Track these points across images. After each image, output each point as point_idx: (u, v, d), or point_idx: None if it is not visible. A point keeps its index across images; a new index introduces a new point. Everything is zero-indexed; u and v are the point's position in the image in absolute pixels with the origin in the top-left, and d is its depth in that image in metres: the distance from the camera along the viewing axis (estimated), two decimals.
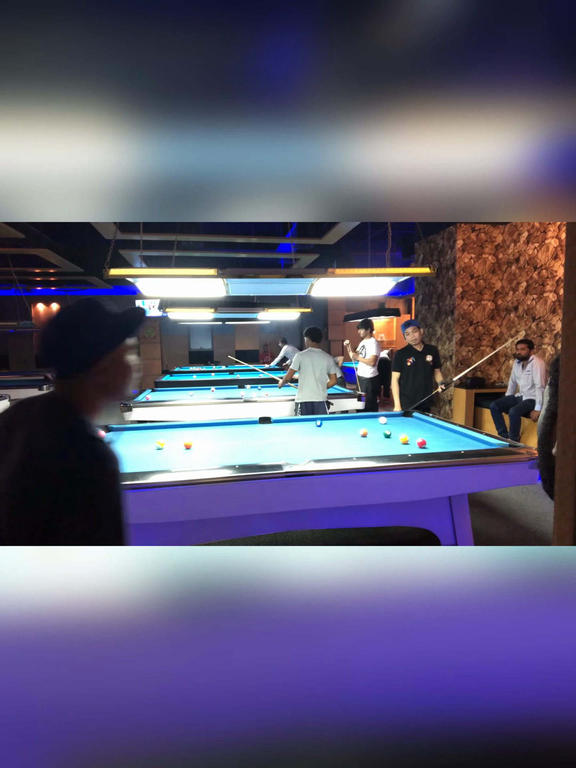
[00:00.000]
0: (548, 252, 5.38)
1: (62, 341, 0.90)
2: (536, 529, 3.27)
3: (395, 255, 8.83)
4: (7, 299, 11.52)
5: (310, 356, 4.37)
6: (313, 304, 10.10)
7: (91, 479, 0.82)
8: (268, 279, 3.94)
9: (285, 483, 2.18)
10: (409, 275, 3.74)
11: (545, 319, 5.42)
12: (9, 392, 6.68)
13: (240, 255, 8.71)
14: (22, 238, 6.77)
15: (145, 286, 3.70)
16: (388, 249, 4.53)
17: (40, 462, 0.83)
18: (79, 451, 0.84)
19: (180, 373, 9.01)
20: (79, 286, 11.74)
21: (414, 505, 2.60)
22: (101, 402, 0.96)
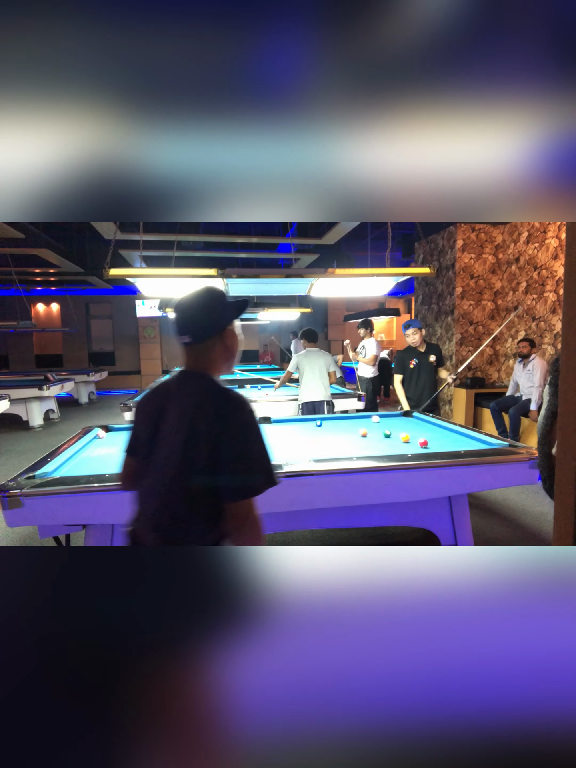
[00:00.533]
0: (548, 252, 5.38)
1: (200, 313, 1.18)
2: (536, 529, 3.27)
3: (395, 255, 8.83)
4: (7, 299, 11.52)
5: (308, 357, 4.35)
6: (313, 304, 10.10)
7: (244, 416, 1.11)
8: (268, 279, 3.94)
9: (285, 483, 2.18)
10: (409, 275, 3.74)
11: (545, 319, 5.42)
12: (9, 392, 6.69)
13: (240, 255, 8.71)
14: (22, 238, 6.76)
15: (145, 286, 3.70)
16: (388, 249, 4.53)
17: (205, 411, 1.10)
18: (229, 398, 1.13)
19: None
20: (79, 286, 11.75)
21: (414, 505, 2.60)
22: (222, 365, 1.24)
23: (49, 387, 7.21)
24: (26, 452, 5.74)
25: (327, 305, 13.36)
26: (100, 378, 10.17)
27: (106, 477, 2.09)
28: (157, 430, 1.18)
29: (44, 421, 7.75)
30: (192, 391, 1.16)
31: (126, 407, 4.44)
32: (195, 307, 1.18)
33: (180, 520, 1.12)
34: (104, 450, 2.87)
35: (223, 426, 1.08)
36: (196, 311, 1.18)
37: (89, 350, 13.12)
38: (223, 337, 1.21)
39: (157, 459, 1.15)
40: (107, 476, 2.10)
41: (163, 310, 6.37)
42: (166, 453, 1.13)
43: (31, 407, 7.30)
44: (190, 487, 1.10)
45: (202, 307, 1.18)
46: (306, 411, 4.34)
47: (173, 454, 1.11)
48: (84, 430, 3.22)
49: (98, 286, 11.11)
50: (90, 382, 9.87)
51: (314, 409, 4.33)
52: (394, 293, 12.02)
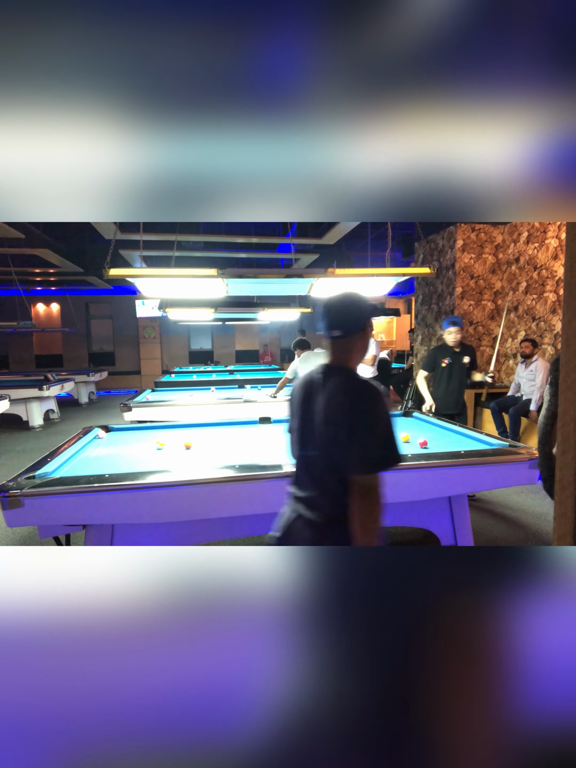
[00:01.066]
0: (548, 252, 5.38)
1: (349, 311, 1.37)
2: (536, 529, 3.27)
3: (395, 255, 8.82)
4: (7, 299, 11.52)
5: (304, 361, 4.34)
6: (313, 304, 10.10)
7: (377, 404, 1.28)
8: (268, 279, 3.94)
9: (285, 483, 2.18)
10: (409, 275, 3.74)
11: (545, 319, 5.42)
12: (9, 392, 6.69)
13: (240, 255, 8.71)
14: (22, 238, 6.76)
15: (145, 286, 3.70)
16: (388, 249, 4.53)
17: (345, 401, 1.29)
18: (365, 389, 1.30)
19: (180, 373, 9.02)
20: (79, 286, 11.75)
21: (414, 505, 2.60)
22: (359, 357, 1.43)
23: (49, 387, 7.21)
24: (26, 452, 5.74)
25: None
26: (100, 378, 10.17)
27: (106, 477, 2.09)
28: (305, 419, 1.40)
29: (44, 421, 7.75)
30: (334, 383, 1.34)
31: (126, 407, 4.44)
32: (345, 306, 1.37)
33: (337, 496, 1.29)
34: (104, 450, 2.86)
35: (360, 412, 1.27)
36: (347, 309, 1.37)
37: (89, 350, 13.12)
38: (363, 333, 1.39)
39: (309, 445, 1.37)
40: (107, 476, 2.10)
41: (163, 311, 6.36)
42: (317, 440, 1.33)
43: (31, 407, 7.31)
44: (340, 468, 1.28)
45: (350, 305, 1.37)
46: None
47: (324, 441, 1.31)
48: (84, 431, 3.22)
49: (98, 286, 11.11)
50: (90, 382, 9.87)
51: None
52: (394, 293, 12.01)
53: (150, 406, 4.63)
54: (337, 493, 1.29)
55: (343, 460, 1.27)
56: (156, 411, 4.56)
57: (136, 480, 2.07)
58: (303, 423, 1.41)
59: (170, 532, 2.36)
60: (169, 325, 12.85)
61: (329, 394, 1.33)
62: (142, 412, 4.51)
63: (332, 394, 1.32)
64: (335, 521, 1.30)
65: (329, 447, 1.30)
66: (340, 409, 1.28)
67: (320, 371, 1.42)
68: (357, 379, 1.34)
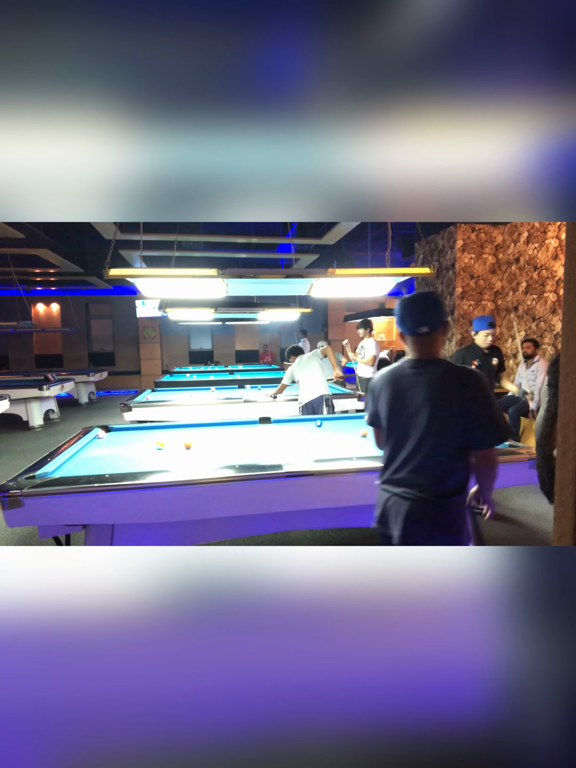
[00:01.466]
0: (548, 252, 5.38)
1: (434, 308, 1.54)
2: (536, 529, 3.27)
3: (395, 255, 8.83)
4: (7, 299, 11.52)
5: (300, 365, 4.50)
6: (313, 304, 10.10)
7: (484, 385, 1.47)
8: (268, 279, 3.93)
9: (285, 483, 2.18)
10: (409, 275, 3.74)
11: (545, 319, 5.43)
12: (9, 392, 6.69)
13: (240, 255, 8.71)
14: (22, 238, 6.76)
15: (145, 287, 3.70)
16: (388, 249, 4.53)
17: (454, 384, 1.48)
18: (470, 373, 1.51)
19: (180, 373, 9.02)
20: (79, 286, 11.74)
21: None
22: (441, 350, 1.60)
23: (49, 387, 7.21)
24: (26, 452, 5.74)
25: (327, 305, 13.36)
26: (100, 378, 10.17)
27: (106, 477, 2.09)
28: (401, 409, 1.54)
29: (44, 421, 7.74)
30: (434, 373, 1.51)
31: (126, 407, 4.44)
32: (430, 305, 1.54)
33: (445, 470, 1.47)
34: (104, 450, 2.86)
35: (472, 394, 1.45)
36: (432, 308, 1.54)
37: (89, 350, 13.12)
38: (444, 329, 1.57)
39: (409, 430, 1.52)
40: (107, 476, 2.10)
41: (163, 311, 6.36)
42: (421, 422, 1.49)
43: (31, 407, 7.30)
44: (448, 443, 1.47)
45: (434, 304, 1.55)
46: (306, 412, 4.37)
47: (430, 422, 1.47)
48: (84, 431, 3.22)
49: (98, 286, 11.11)
50: (90, 382, 9.86)
51: (314, 410, 4.35)
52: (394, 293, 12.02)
53: (150, 406, 4.63)
54: (442, 470, 1.47)
55: (458, 438, 1.46)
56: (156, 411, 4.56)
57: (136, 480, 2.07)
58: (399, 413, 1.55)
59: (170, 532, 2.35)
60: (169, 325, 12.85)
61: (432, 382, 1.49)
62: (142, 412, 4.51)
63: (437, 382, 1.49)
64: (437, 495, 1.47)
65: (438, 428, 1.47)
66: (451, 393, 1.46)
67: (410, 366, 1.57)
68: (459, 367, 1.52)
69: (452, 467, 1.48)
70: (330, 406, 4.44)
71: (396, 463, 1.56)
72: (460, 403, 1.45)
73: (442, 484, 1.48)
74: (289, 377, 4.59)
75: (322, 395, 4.38)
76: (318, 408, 4.37)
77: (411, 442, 1.51)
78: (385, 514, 1.59)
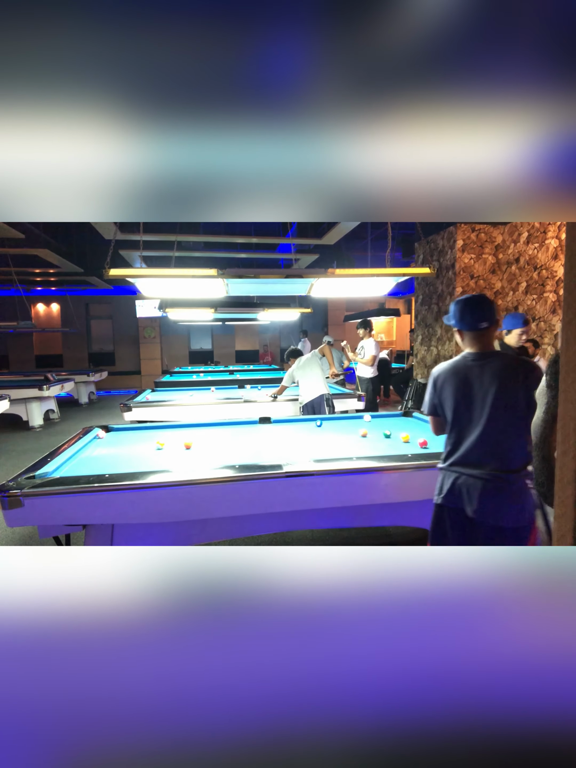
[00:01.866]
0: (548, 252, 5.38)
1: (488, 308, 1.74)
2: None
3: (395, 255, 8.82)
4: (7, 299, 11.52)
5: (300, 366, 4.53)
6: (313, 304, 10.10)
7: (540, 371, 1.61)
8: (268, 279, 3.93)
9: (285, 483, 2.18)
10: (409, 275, 3.74)
11: (545, 319, 5.42)
12: (9, 392, 6.69)
13: (240, 255, 8.70)
14: (22, 238, 6.76)
15: (145, 287, 3.70)
16: (388, 249, 4.53)
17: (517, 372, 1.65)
18: (528, 361, 1.69)
19: (180, 373, 9.02)
20: (79, 286, 11.74)
21: (414, 505, 2.60)
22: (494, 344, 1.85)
23: (49, 387, 7.21)
24: (26, 452, 5.74)
25: (327, 305, 13.36)
26: (100, 378, 10.17)
27: (106, 477, 2.09)
28: (468, 398, 1.72)
29: (44, 421, 7.74)
30: (498, 363, 1.70)
31: (126, 407, 4.44)
32: (487, 303, 1.75)
33: (510, 450, 1.64)
34: (104, 450, 2.86)
35: (534, 383, 1.59)
36: (489, 305, 1.75)
37: (89, 350, 13.12)
38: (497, 325, 1.78)
39: (478, 414, 1.70)
40: (107, 476, 2.10)
41: (163, 311, 6.35)
42: (488, 408, 1.67)
43: (31, 407, 7.30)
44: (513, 427, 1.64)
45: (490, 303, 1.76)
46: (307, 412, 4.37)
47: (496, 409, 1.65)
48: (84, 431, 3.22)
49: (98, 286, 11.11)
50: (90, 382, 9.86)
51: (314, 409, 4.36)
52: (394, 293, 12.02)
53: (150, 406, 4.63)
54: (509, 449, 1.64)
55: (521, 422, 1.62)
56: (156, 411, 4.57)
57: (136, 480, 2.07)
58: (466, 401, 1.73)
59: (170, 532, 2.35)
60: (169, 325, 12.84)
61: (497, 372, 1.68)
62: (142, 412, 4.51)
63: (501, 371, 1.67)
64: (504, 471, 1.64)
65: (504, 413, 1.65)
66: (516, 381, 1.64)
67: (473, 358, 1.75)
68: (520, 358, 1.73)
69: (517, 447, 1.64)
70: (330, 406, 4.45)
71: (464, 447, 1.73)
72: (524, 390, 1.62)
73: (508, 462, 1.64)
74: (289, 379, 4.61)
75: (322, 395, 4.40)
76: (319, 408, 4.37)
77: (478, 427, 1.69)
78: (453, 492, 1.74)
